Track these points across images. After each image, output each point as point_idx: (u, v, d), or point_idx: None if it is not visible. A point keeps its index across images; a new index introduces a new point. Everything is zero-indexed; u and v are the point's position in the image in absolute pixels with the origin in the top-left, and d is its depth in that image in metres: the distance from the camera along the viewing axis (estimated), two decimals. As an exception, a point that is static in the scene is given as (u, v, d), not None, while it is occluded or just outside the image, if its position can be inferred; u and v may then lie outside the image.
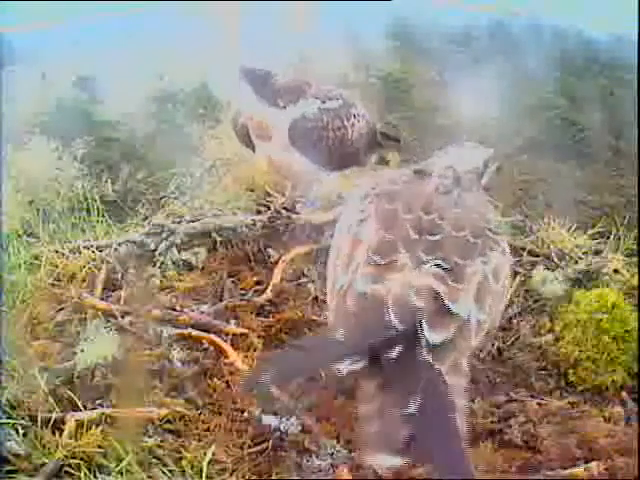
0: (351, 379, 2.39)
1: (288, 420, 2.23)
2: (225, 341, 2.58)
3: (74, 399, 2.27)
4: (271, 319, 2.75)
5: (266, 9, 5.53)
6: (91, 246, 3.16)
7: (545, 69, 5.64)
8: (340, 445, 2.16)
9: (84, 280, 2.95)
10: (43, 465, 2.06)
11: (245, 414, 2.31)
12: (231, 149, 3.98)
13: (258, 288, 2.96)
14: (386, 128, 3.33)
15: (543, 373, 2.60)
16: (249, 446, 2.20)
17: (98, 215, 3.46)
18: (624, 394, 2.50)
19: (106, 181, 4.11)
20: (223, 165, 4.03)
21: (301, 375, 2.11)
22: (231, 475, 2.10)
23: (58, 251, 3.08)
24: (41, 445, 2.11)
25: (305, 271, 3.04)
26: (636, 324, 2.57)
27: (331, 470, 2.09)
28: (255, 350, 2.57)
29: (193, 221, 3.34)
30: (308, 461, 2.12)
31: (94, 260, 3.07)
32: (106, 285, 2.94)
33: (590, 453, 2.20)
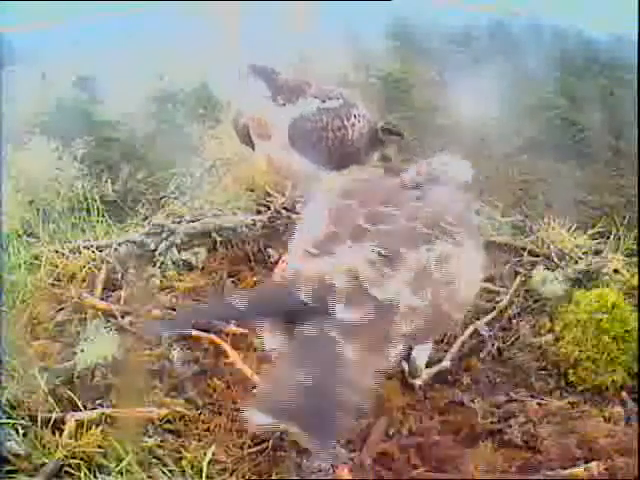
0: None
1: (288, 420, 2.23)
2: (225, 341, 2.58)
3: (74, 399, 2.27)
4: (271, 319, 2.74)
5: (266, 9, 5.53)
6: (91, 246, 3.17)
7: (545, 69, 5.63)
8: (340, 445, 2.16)
9: (84, 280, 2.95)
10: (43, 465, 2.07)
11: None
12: (231, 149, 3.98)
13: (258, 288, 2.96)
14: (387, 124, 3.31)
15: (543, 373, 2.60)
16: (249, 446, 2.20)
17: (98, 215, 3.46)
18: (624, 394, 2.49)
19: (106, 181, 4.11)
20: (223, 165, 4.02)
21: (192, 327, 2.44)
22: (231, 475, 2.10)
23: (58, 251, 3.08)
24: (41, 445, 2.11)
25: (305, 271, 3.04)
26: (636, 324, 2.57)
27: (331, 470, 2.09)
28: (255, 350, 2.56)
29: (193, 221, 3.34)
30: (308, 461, 2.12)
31: (94, 260, 3.07)
32: (106, 285, 2.94)
33: (590, 453, 2.20)
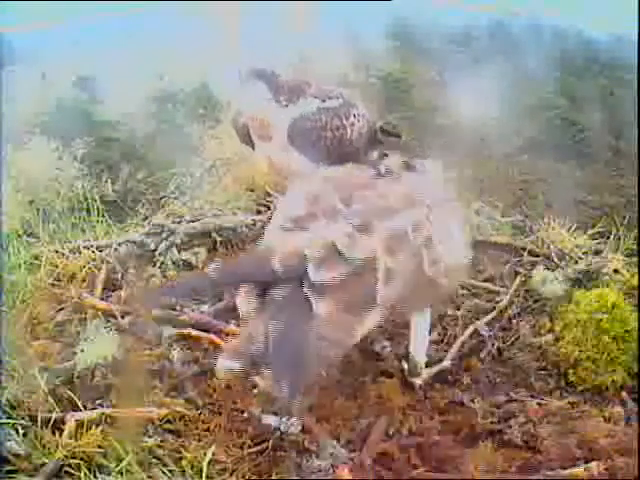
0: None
1: (288, 420, 2.23)
2: (225, 341, 2.58)
3: (74, 399, 2.27)
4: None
5: (266, 9, 5.53)
6: (91, 246, 3.16)
7: (545, 69, 5.64)
8: (340, 445, 2.16)
9: (84, 280, 2.95)
10: (43, 465, 2.06)
11: (245, 414, 2.31)
12: (231, 149, 3.98)
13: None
14: (386, 125, 3.31)
15: (543, 373, 2.60)
16: (249, 446, 2.20)
17: (98, 215, 3.45)
18: (624, 394, 2.49)
19: (106, 181, 4.11)
20: (223, 165, 4.03)
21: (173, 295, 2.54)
22: (231, 475, 2.10)
23: (58, 251, 3.08)
24: (41, 445, 2.11)
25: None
26: (636, 324, 2.57)
27: (331, 470, 2.09)
28: (255, 350, 2.56)
29: (193, 221, 3.34)
30: (308, 461, 2.12)
31: (94, 260, 3.07)
32: (106, 285, 2.94)
33: (590, 453, 2.20)
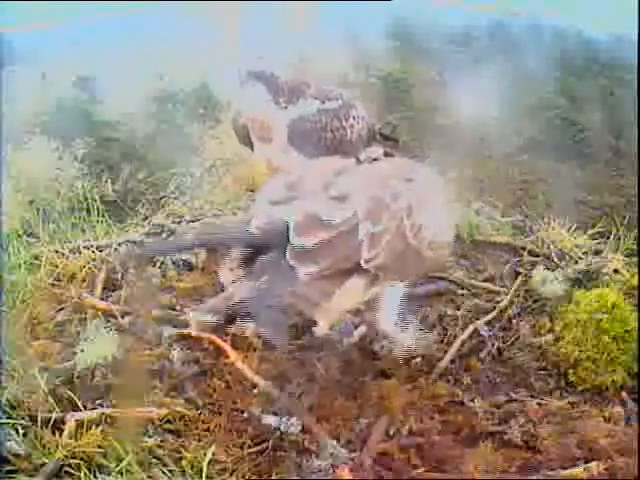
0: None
1: (288, 420, 2.23)
2: (225, 341, 2.58)
3: (74, 399, 2.27)
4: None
5: (266, 9, 5.53)
6: (91, 246, 3.16)
7: (545, 69, 5.64)
8: (340, 445, 2.16)
9: (84, 280, 2.95)
10: (43, 465, 2.06)
11: (245, 414, 2.31)
12: (231, 149, 3.98)
13: (258, 288, 2.95)
14: (385, 129, 3.32)
15: (543, 373, 2.60)
16: (249, 446, 2.19)
17: (98, 215, 3.45)
18: (624, 394, 2.49)
19: (106, 181, 4.11)
20: (223, 165, 4.03)
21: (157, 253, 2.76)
22: (231, 475, 2.09)
23: (58, 251, 3.08)
24: (41, 445, 2.11)
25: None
26: (636, 324, 2.57)
27: (331, 470, 2.09)
28: (255, 350, 2.56)
29: (193, 221, 3.34)
30: (308, 461, 2.12)
31: (94, 260, 3.07)
32: (106, 285, 2.94)
33: (590, 453, 2.20)
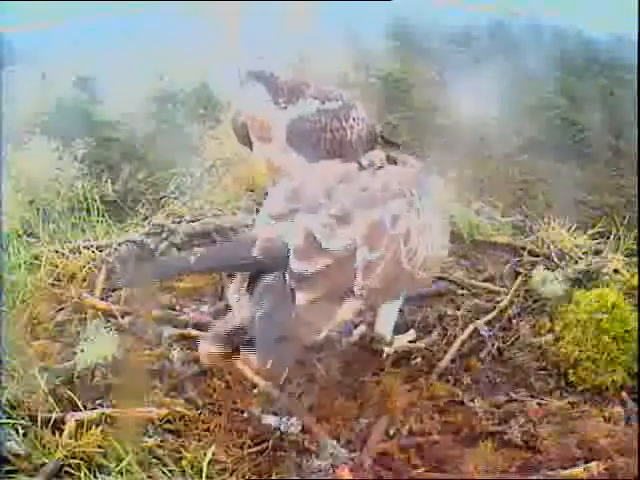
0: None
1: (288, 420, 2.23)
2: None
3: (74, 399, 2.27)
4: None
5: (266, 9, 5.53)
6: (91, 246, 3.16)
7: (545, 69, 5.63)
8: (340, 445, 2.16)
9: (84, 280, 2.95)
10: (43, 465, 2.07)
11: (245, 414, 2.31)
12: (231, 149, 3.98)
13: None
14: (386, 132, 3.32)
15: (543, 373, 2.60)
16: (249, 446, 2.20)
17: (98, 215, 3.45)
18: (624, 394, 2.49)
19: (106, 181, 4.11)
20: (223, 165, 4.03)
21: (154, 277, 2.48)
22: (231, 475, 2.10)
23: (58, 251, 3.08)
24: (41, 445, 2.11)
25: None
26: (636, 324, 2.57)
27: (331, 470, 2.09)
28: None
29: (193, 221, 3.34)
30: (308, 461, 2.12)
31: (94, 260, 3.07)
32: (106, 285, 2.94)
33: (590, 453, 2.21)
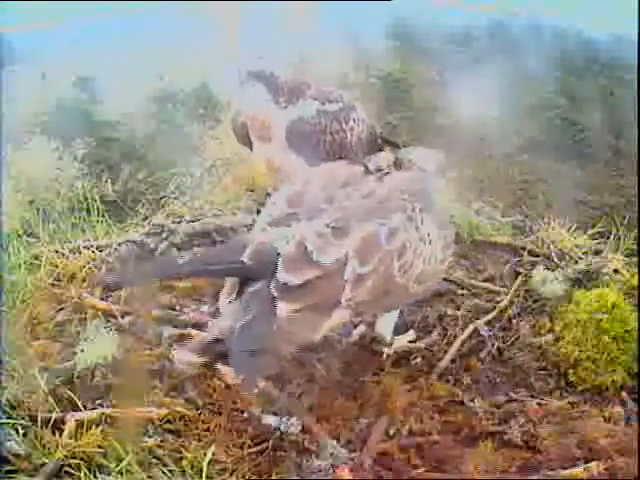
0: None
1: (288, 420, 2.23)
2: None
3: (74, 399, 2.27)
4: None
5: (266, 9, 5.53)
6: (91, 246, 3.16)
7: (545, 69, 5.64)
8: (340, 445, 2.16)
9: (84, 280, 2.95)
10: (43, 465, 2.06)
11: (245, 414, 2.31)
12: (231, 149, 3.98)
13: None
14: (386, 132, 3.33)
15: (543, 373, 2.60)
16: (249, 446, 2.20)
17: (98, 215, 3.45)
18: (624, 394, 2.50)
19: (106, 181, 4.11)
20: (223, 165, 4.03)
21: (142, 280, 2.42)
22: (231, 475, 2.10)
23: (58, 251, 3.08)
24: (41, 445, 2.11)
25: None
26: (636, 324, 2.57)
27: (331, 470, 2.09)
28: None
29: (193, 221, 3.34)
30: (308, 461, 2.12)
31: (94, 260, 3.07)
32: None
33: (590, 453, 2.21)
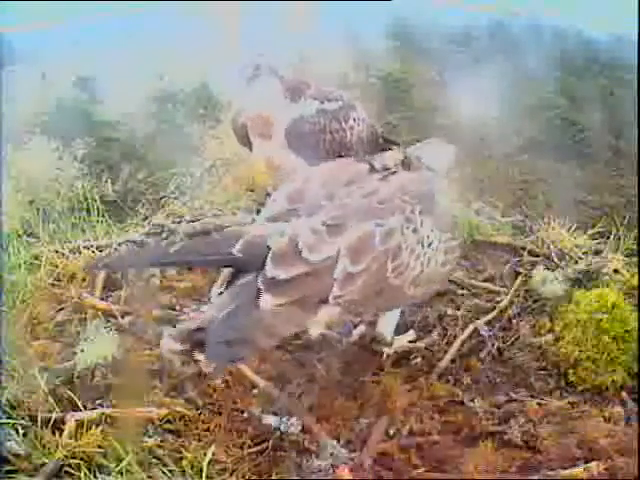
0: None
1: (288, 420, 2.23)
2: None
3: (74, 399, 2.27)
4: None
5: (266, 9, 5.53)
6: (91, 246, 3.16)
7: (545, 69, 5.64)
8: (340, 445, 2.16)
9: (84, 280, 2.95)
10: (43, 465, 2.07)
11: (245, 414, 2.31)
12: (231, 149, 3.98)
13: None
14: (386, 132, 3.32)
15: (543, 373, 2.60)
16: (249, 446, 2.20)
17: (98, 215, 3.45)
18: (624, 394, 2.50)
19: (106, 181, 4.11)
20: (223, 165, 4.03)
21: (131, 267, 2.59)
22: (231, 475, 2.10)
23: (58, 251, 3.08)
24: (41, 445, 2.11)
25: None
26: (636, 324, 2.57)
27: (331, 470, 2.09)
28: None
29: (193, 221, 3.34)
30: (308, 461, 2.12)
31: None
32: (106, 285, 2.94)
33: (590, 453, 2.21)
